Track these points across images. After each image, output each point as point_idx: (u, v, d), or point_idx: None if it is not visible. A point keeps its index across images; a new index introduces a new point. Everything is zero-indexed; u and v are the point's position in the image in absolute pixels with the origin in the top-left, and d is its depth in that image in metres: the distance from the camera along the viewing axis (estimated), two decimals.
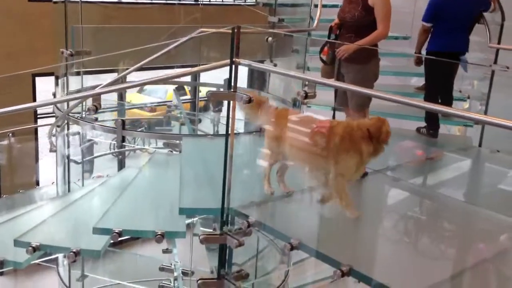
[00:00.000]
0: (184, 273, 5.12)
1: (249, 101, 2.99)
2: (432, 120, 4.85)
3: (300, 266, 5.41)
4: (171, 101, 7.73)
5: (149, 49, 4.53)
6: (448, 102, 4.84)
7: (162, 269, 5.25)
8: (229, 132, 3.14)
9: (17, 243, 3.28)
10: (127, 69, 4.66)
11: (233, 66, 3.07)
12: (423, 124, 4.97)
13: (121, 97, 7.25)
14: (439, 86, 4.81)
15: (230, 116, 3.13)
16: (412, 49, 5.31)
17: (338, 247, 2.91)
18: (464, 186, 4.24)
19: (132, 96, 10.97)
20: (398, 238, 3.39)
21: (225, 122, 3.07)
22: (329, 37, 3.90)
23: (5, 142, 6.30)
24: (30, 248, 3.19)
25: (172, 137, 4.58)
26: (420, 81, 5.34)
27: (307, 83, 4.94)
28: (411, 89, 5.53)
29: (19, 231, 3.45)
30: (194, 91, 8.00)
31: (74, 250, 3.17)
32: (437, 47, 4.78)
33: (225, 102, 3.05)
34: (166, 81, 5.73)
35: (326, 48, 3.91)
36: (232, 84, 3.05)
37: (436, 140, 4.89)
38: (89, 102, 4.33)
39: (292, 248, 2.78)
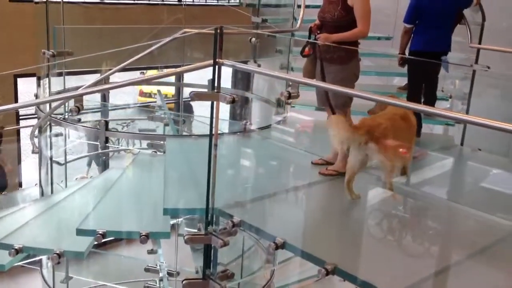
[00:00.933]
0: (170, 274, 5.11)
1: (233, 101, 3.00)
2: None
3: (285, 266, 5.43)
4: (155, 102, 7.71)
5: (132, 50, 4.51)
6: (431, 101, 4.88)
7: (147, 269, 5.24)
8: (213, 132, 3.15)
9: None
10: (110, 69, 4.63)
11: (216, 66, 3.08)
12: None
13: (104, 98, 7.20)
14: (421, 86, 4.86)
15: (214, 116, 3.14)
16: (394, 49, 5.36)
17: (323, 246, 2.93)
18: (447, 185, 4.29)
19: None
20: (382, 236, 3.43)
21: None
22: (309, 37, 3.92)
23: None
24: (13, 250, 3.16)
25: (156, 138, 4.58)
26: (403, 81, 5.38)
27: (290, 83, 4.97)
28: (394, 89, 5.58)
29: (1, 233, 3.42)
30: (178, 92, 8.00)
31: (57, 252, 3.16)
32: (419, 47, 4.82)
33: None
34: (150, 82, 5.70)
35: (307, 49, 3.92)
36: (216, 84, 3.06)
37: (418, 139, 4.94)
38: (72, 103, 4.30)
39: (277, 247, 2.79)
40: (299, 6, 5.13)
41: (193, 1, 7.93)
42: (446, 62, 4.95)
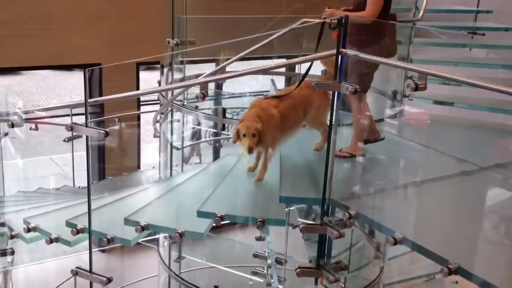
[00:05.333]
0: (278, 261, 5.17)
1: (355, 91, 2.97)
2: None
3: (394, 263, 5.30)
4: (268, 91, 7.80)
5: (251, 40, 4.60)
6: None
7: (255, 255, 5.33)
8: (333, 122, 3.14)
9: (126, 221, 3.46)
10: (228, 59, 4.75)
11: (340, 56, 3.06)
12: None
13: (218, 86, 7.41)
14: None
15: (335, 106, 3.12)
16: None
17: (443, 244, 2.83)
18: None
19: None
20: (501, 238, 3.24)
21: None
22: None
23: (115, 127, 6.66)
24: (139, 227, 3.36)
25: None
26: None
27: (410, 75, 4.81)
28: None
29: (126, 211, 3.64)
30: (289, 83, 8.03)
31: (179, 231, 3.31)
32: None
33: None
34: (265, 73, 5.77)
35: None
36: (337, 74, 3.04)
37: None
38: (197, 90, 4.47)
39: (396, 242, 2.73)
40: None
41: None
42: None
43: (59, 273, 5.93)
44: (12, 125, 4.01)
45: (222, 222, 3.30)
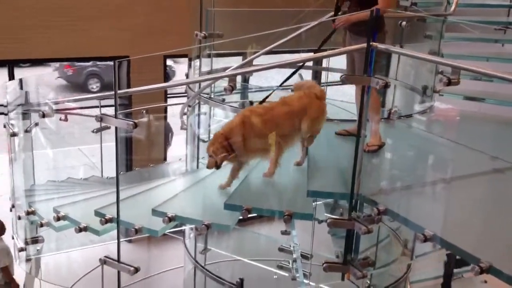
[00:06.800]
0: (303, 256, 5.15)
1: (385, 86, 2.93)
2: None
3: (421, 260, 5.25)
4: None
5: (278, 33, 4.57)
6: None
7: (281, 249, 5.32)
8: (362, 117, 3.10)
9: (154, 212, 3.49)
10: (255, 52, 4.74)
11: (370, 50, 3.02)
12: None
13: (245, 79, 7.41)
14: None
15: (365, 101, 3.08)
16: None
17: (474, 243, 2.77)
18: None
19: None
20: None
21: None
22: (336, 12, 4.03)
23: (144, 119, 6.71)
24: (167, 218, 3.38)
25: None
26: None
27: (441, 69, 4.73)
28: None
29: (153, 202, 3.67)
30: (315, 76, 7.99)
31: (206, 223, 3.32)
32: None
33: None
34: (292, 66, 5.74)
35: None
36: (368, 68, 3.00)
37: None
38: (224, 83, 4.47)
39: (426, 239, 2.69)
40: None
41: None
42: None
43: (85, 262, 6.02)
44: (43, 115, 4.07)
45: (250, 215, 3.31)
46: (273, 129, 3.50)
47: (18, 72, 7.80)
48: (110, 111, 3.35)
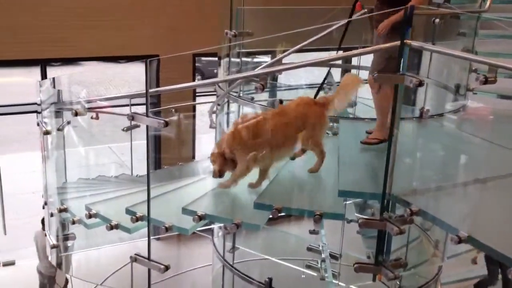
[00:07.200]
0: (332, 256, 5.12)
1: (419, 84, 2.87)
2: None
3: (452, 262, 5.15)
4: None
5: (307, 31, 4.53)
6: None
7: (309, 249, 5.30)
8: (395, 116, 3.05)
9: (184, 211, 3.50)
10: (284, 51, 4.71)
11: (403, 47, 2.97)
12: None
13: (274, 78, 7.39)
14: None
15: (398, 100, 3.03)
16: None
17: (509, 245, 2.70)
18: None
19: None
20: None
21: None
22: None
23: (174, 117, 6.75)
24: (197, 216, 3.38)
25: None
26: None
27: (474, 68, 4.63)
28: None
29: (183, 201, 3.68)
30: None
31: (236, 222, 3.31)
32: None
33: None
34: (322, 64, 5.70)
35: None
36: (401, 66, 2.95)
37: None
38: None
39: (460, 241, 2.63)
40: None
41: None
42: None
43: (114, 259, 6.08)
44: (76, 114, 4.12)
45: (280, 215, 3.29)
46: (263, 142, 3.51)
47: (50, 71, 7.94)
48: (139, 110, 3.37)
